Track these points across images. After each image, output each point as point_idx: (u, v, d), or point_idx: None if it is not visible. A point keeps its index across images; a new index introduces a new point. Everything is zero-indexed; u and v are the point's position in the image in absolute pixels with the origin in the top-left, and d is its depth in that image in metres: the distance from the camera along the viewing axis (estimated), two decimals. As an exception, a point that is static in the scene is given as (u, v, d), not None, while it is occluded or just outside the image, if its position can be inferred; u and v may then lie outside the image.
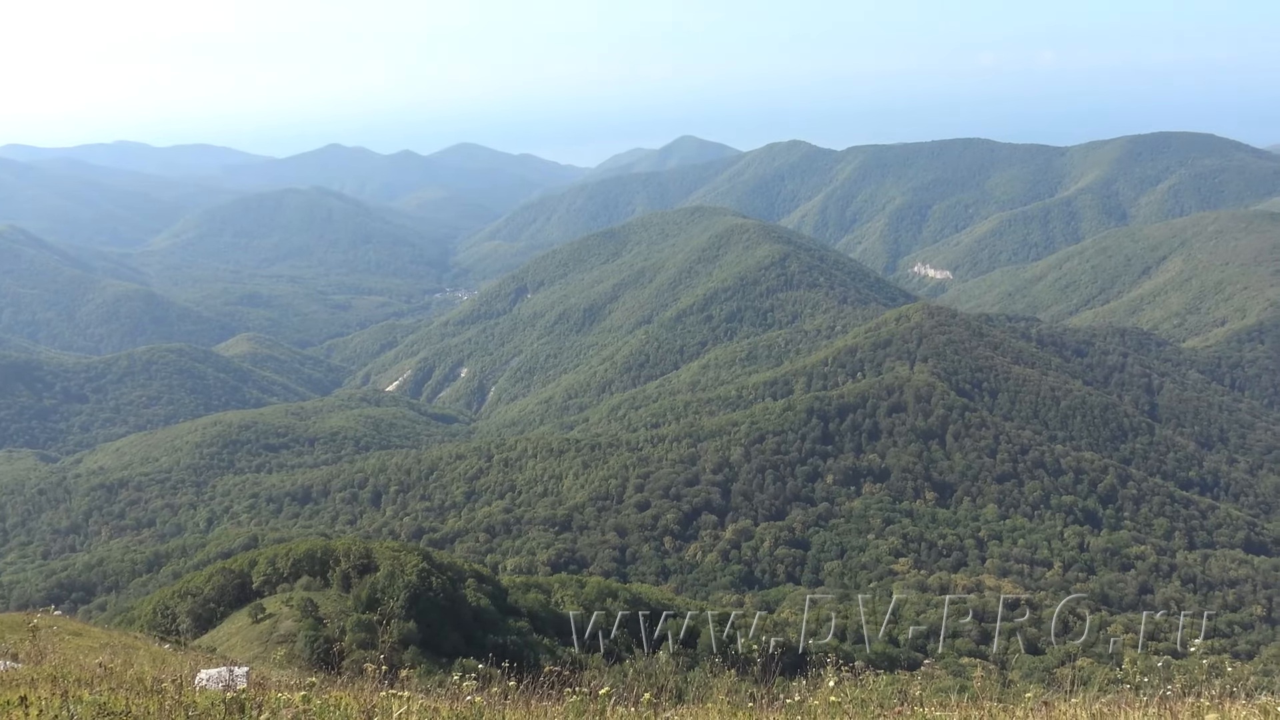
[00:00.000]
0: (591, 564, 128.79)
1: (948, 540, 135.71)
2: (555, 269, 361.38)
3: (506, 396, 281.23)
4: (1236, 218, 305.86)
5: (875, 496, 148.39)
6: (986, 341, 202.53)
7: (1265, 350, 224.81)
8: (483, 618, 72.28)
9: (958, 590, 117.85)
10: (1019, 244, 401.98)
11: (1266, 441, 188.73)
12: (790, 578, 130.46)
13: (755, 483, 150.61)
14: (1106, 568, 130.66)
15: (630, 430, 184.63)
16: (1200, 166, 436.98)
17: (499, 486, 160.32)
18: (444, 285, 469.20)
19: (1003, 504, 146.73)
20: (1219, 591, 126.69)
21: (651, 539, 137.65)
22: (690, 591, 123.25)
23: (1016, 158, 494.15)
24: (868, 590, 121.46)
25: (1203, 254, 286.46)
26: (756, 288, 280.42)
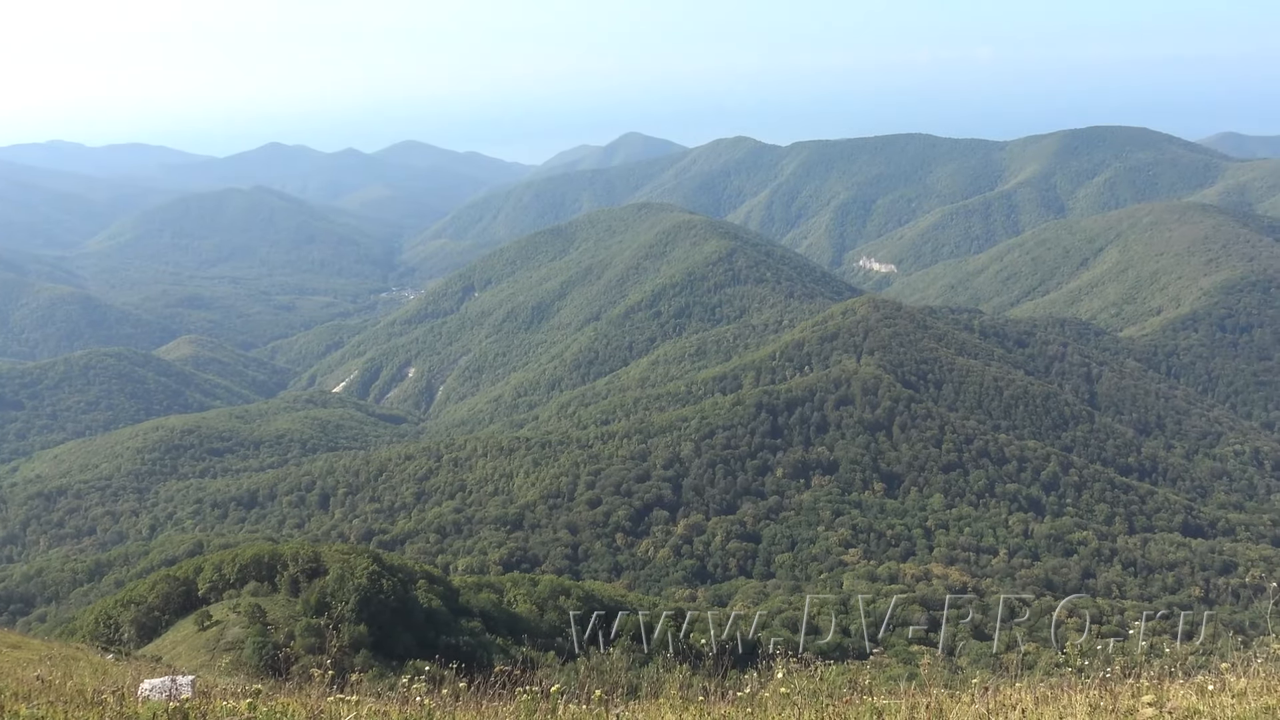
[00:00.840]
0: (544, 562, 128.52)
1: (896, 530, 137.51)
2: (503, 267, 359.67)
3: (455, 396, 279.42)
4: (1170, 209, 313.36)
5: (824, 489, 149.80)
6: (931, 334, 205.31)
7: (1199, 338, 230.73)
8: (435, 619, 71.78)
9: (906, 579, 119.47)
10: (961, 237, 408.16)
11: (1201, 427, 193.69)
12: (742, 571, 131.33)
13: (706, 477, 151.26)
14: (1050, 554, 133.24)
15: (580, 427, 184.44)
16: (1134, 160, 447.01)
17: (449, 486, 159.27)
18: (390, 284, 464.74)
19: (949, 493, 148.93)
20: (1158, 574, 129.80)
21: (603, 536, 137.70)
22: (643, 587, 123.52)
23: (957, 152, 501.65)
24: (818, 582, 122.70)
25: (1138, 245, 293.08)
26: (704, 283, 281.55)
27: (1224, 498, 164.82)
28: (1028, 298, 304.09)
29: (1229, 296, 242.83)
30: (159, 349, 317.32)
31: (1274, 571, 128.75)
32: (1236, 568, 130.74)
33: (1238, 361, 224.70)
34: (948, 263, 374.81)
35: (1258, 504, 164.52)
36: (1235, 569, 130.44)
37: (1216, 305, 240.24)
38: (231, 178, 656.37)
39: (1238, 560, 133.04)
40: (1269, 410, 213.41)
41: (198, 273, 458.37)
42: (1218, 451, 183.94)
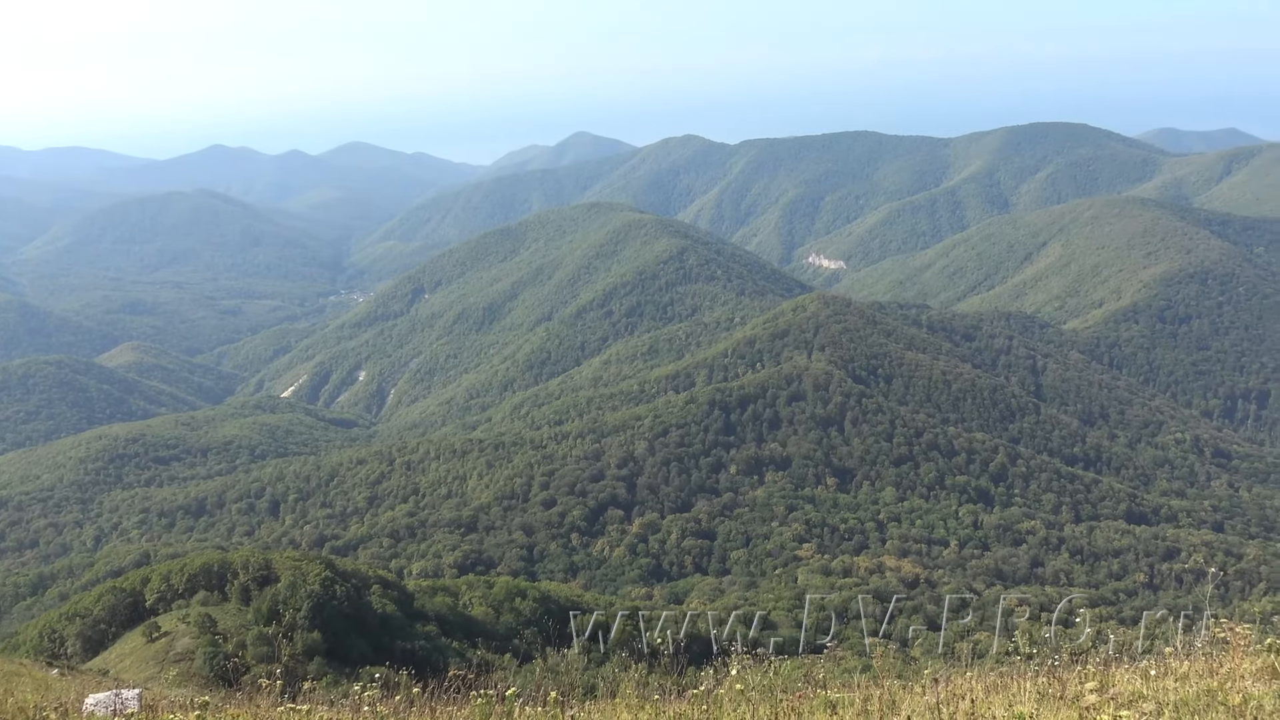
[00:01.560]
0: (499, 564, 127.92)
1: (849, 524, 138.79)
2: (453, 268, 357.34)
3: (407, 399, 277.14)
4: (1110, 204, 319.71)
5: (778, 484, 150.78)
6: (880, 329, 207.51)
7: (1140, 330, 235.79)
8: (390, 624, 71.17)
9: (860, 572, 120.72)
10: (908, 233, 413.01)
11: (1143, 416, 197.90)
12: (698, 568, 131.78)
13: (660, 476, 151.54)
14: (1000, 543, 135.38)
15: (534, 428, 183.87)
16: (1075, 155, 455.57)
17: (402, 490, 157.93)
18: (339, 287, 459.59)
19: (900, 486, 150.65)
20: (1104, 561, 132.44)
21: (559, 536, 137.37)
22: (599, 587, 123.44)
23: (903, 149, 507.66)
24: (773, 577, 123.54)
25: (1080, 239, 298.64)
26: (656, 282, 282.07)
27: (1166, 485, 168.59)
28: (974, 292, 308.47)
29: (1168, 289, 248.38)
30: (101, 356, 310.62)
31: (1214, 556, 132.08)
32: (1179, 553, 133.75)
33: (1177, 352, 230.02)
34: (896, 258, 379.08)
35: (1198, 491, 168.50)
36: (1178, 554, 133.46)
37: (1156, 297, 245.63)
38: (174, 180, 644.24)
39: (1180, 546, 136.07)
40: (1207, 399, 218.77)
41: (140, 278, 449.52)
42: (1159, 440, 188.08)
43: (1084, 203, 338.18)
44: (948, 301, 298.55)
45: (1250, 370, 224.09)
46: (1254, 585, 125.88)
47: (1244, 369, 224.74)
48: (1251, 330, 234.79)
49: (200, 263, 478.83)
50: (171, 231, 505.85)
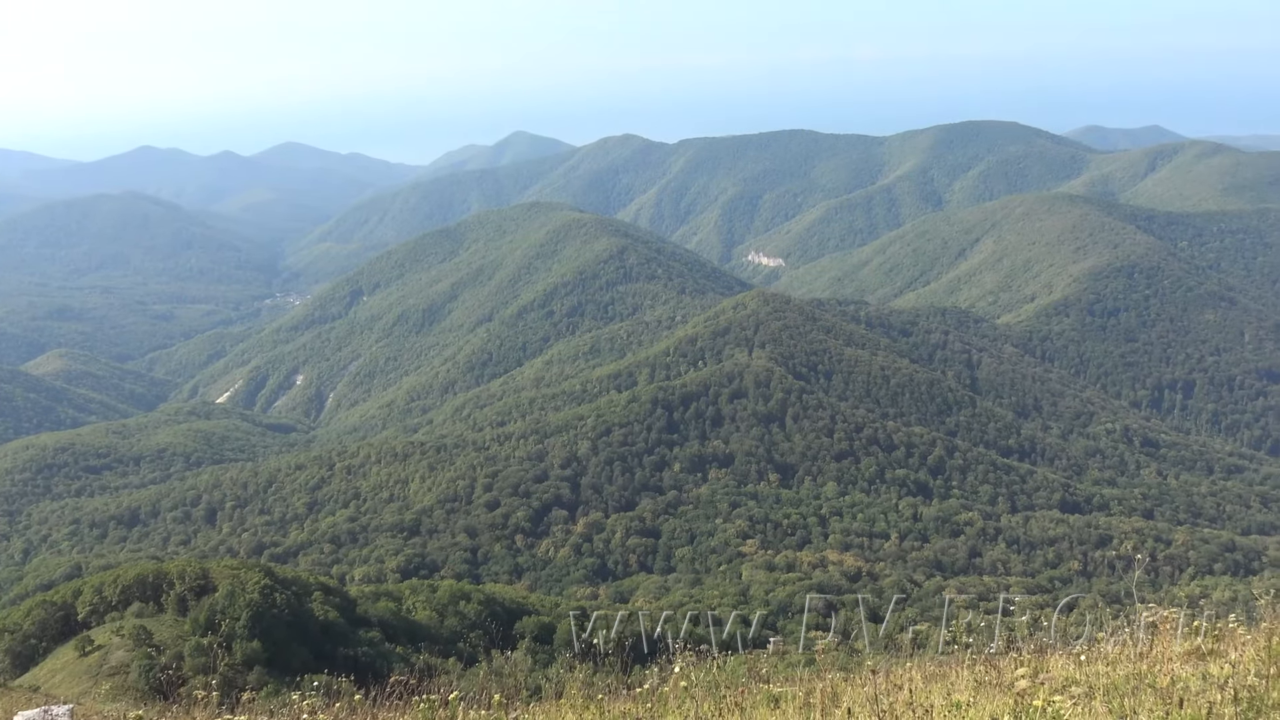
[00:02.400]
0: (443, 567, 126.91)
1: (792, 519, 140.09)
2: (391, 270, 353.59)
3: (346, 402, 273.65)
4: (1040, 200, 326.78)
5: (721, 481, 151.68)
6: (819, 325, 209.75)
7: (1070, 323, 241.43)
8: (332, 631, 70.20)
9: (803, 567, 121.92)
10: (845, 230, 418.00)
11: (1075, 408, 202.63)
12: (643, 567, 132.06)
13: (604, 475, 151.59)
14: (939, 535, 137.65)
15: (476, 430, 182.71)
16: (1006, 153, 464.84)
17: (343, 495, 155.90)
18: (274, 290, 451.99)
19: (841, 481, 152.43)
20: (1040, 550, 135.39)
21: (503, 538, 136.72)
22: (545, 588, 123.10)
23: (839, 148, 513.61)
24: (718, 573, 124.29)
25: (1012, 235, 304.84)
26: (596, 281, 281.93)
27: (1098, 474, 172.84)
28: (910, 288, 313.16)
29: (1097, 282, 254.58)
30: (26, 364, 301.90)
31: (1145, 543, 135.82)
32: (1111, 540, 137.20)
33: (1106, 344, 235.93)
34: (833, 256, 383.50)
35: (1129, 479, 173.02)
36: (1110, 542, 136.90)
37: (1086, 291, 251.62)
38: (101, 183, 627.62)
39: (1112, 533, 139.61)
40: (1136, 390, 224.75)
41: (67, 283, 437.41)
42: (1091, 430, 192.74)
43: (1015, 199, 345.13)
44: (885, 297, 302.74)
45: (1176, 361, 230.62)
46: (1182, 570, 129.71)
47: (1170, 360, 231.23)
48: (1177, 322, 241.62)
49: (130, 267, 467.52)
50: (99, 235, 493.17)
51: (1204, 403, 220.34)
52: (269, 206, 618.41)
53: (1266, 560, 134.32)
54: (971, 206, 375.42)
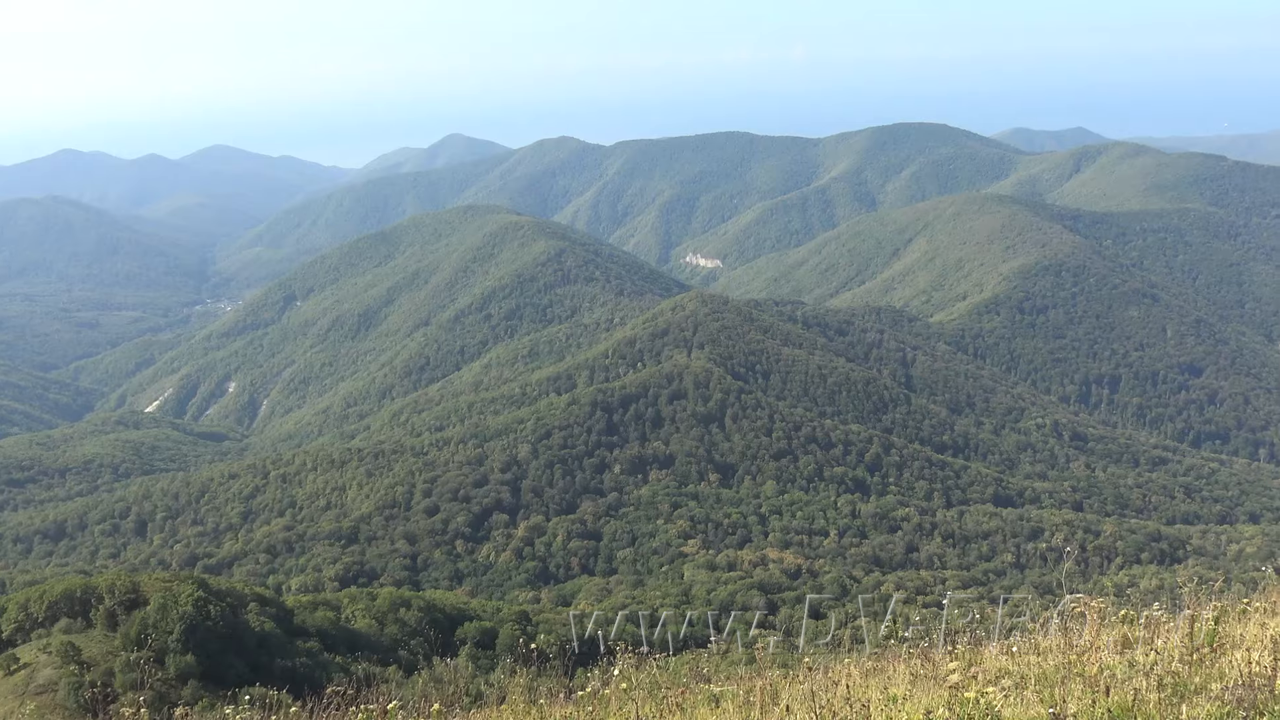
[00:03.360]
0: (382, 575, 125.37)
1: (732, 519, 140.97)
2: (325, 274, 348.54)
3: (281, 409, 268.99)
4: (971, 201, 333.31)
5: (662, 483, 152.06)
6: (757, 326, 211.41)
7: (1001, 321, 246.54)
8: (268, 643, 68.96)
9: (744, 565, 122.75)
10: (781, 231, 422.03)
11: (1007, 404, 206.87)
12: (585, 569, 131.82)
13: (544, 478, 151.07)
14: (877, 531, 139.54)
15: (414, 435, 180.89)
16: (937, 154, 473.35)
17: (278, 504, 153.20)
18: (204, 296, 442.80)
19: (780, 480, 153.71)
20: (975, 544, 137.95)
21: (443, 544, 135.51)
22: (486, 593, 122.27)
23: (775, 149, 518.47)
24: (660, 574, 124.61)
25: (943, 235, 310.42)
26: (534, 284, 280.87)
27: (1029, 468, 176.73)
28: (846, 288, 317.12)
29: (1026, 281, 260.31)
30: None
31: (1075, 534, 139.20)
32: (1043, 533, 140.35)
33: (1036, 341, 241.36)
34: (770, 256, 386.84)
35: (1059, 472, 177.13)
36: (1042, 534, 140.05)
37: (1015, 289, 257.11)
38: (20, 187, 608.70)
39: (1044, 526, 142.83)
40: (1064, 385, 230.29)
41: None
42: (1022, 425, 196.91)
43: (946, 200, 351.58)
44: (821, 297, 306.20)
45: (1102, 357, 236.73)
46: (1111, 560, 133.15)
47: (1096, 356, 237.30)
48: (1103, 319, 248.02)
49: (53, 273, 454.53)
50: (19, 241, 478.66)
51: (1129, 397, 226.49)
52: (198, 210, 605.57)
53: (1190, 549, 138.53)
54: (904, 207, 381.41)
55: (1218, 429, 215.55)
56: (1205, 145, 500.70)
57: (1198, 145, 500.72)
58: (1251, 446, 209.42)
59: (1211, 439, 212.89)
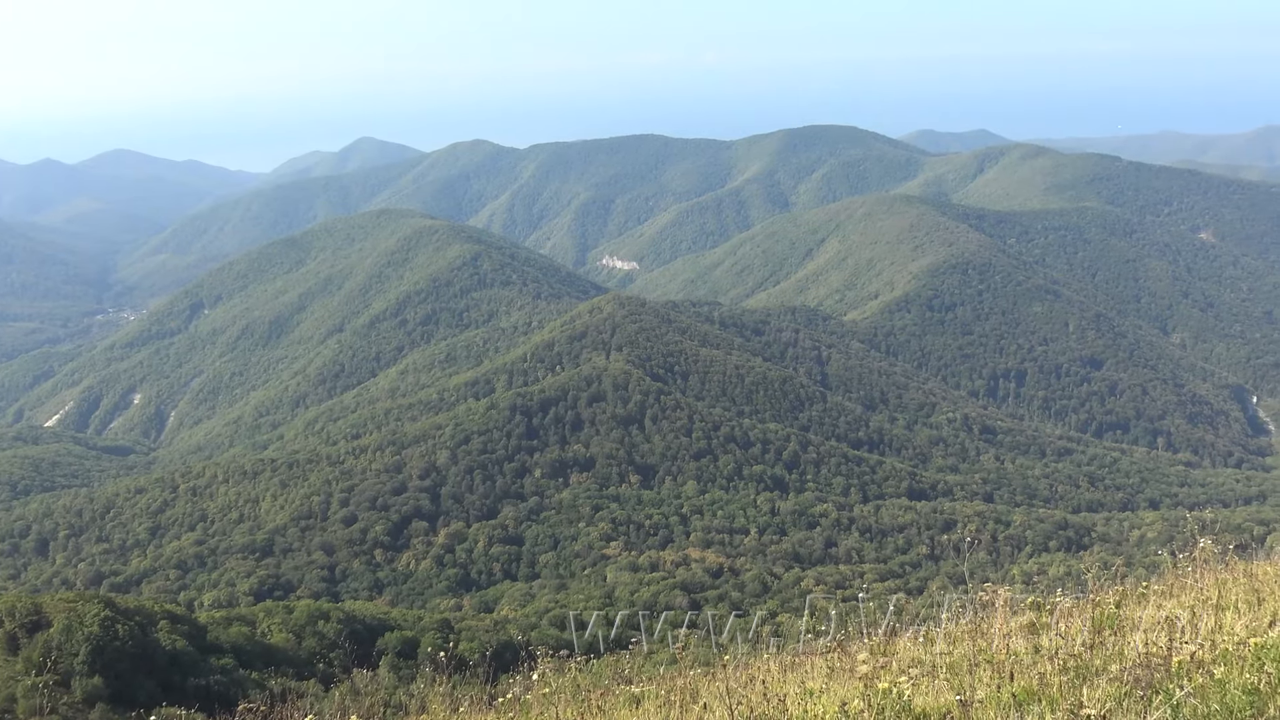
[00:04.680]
0: (299, 587, 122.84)
1: (654, 520, 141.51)
2: (234, 281, 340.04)
3: (189, 421, 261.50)
4: (880, 201, 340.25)
5: (583, 485, 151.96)
6: (675, 327, 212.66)
7: (911, 318, 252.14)
8: (180, 661, 67.01)
9: (667, 566, 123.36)
10: (697, 233, 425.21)
11: (919, 399, 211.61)
12: (507, 575, 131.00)
13: (464, 484, 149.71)
14: (796, 528, 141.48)
15: (330, 443, 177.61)
16: (847, 156, 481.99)
17: (188, 518, 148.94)
18: (106, 306, 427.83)
19: (701, 479, 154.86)
20: (891, 537, 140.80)
21: (362, 553, 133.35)
22: (407, 601, 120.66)
23: (688, 152, 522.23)
24: (583, 577, 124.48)
25: (855, 235, 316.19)
26: (450, 288, 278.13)
27: (941, 461, 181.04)
28: (761, 288, 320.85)
29: (934, 279, 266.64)
30: None
31: (986, 525, 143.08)
32: (956, 524, 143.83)
33: (945, 338, 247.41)
34: (686, 258, 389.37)
35: (970, 465, 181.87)
36: (955, 526, 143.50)
37: (924, 288, 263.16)
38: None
39: (956, 518, 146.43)
40: (973, 380, 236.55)
41: None
42: (934, 420, 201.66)
43: (857, 201, 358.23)
44: (737, 298, 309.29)
45: (1009, 352, 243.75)
46: (1020, 549, 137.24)
47: (1003, 351, 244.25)
48: (1008, 315, 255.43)
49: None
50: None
51: (1035, 390, 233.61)
52: (98, 216, 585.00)
53: (1095, 536, 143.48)
54: (816, 208, 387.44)
55: (1118, 419, 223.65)
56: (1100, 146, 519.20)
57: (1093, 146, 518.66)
58: (1150, 435, 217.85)
59: (1113, 429, 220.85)
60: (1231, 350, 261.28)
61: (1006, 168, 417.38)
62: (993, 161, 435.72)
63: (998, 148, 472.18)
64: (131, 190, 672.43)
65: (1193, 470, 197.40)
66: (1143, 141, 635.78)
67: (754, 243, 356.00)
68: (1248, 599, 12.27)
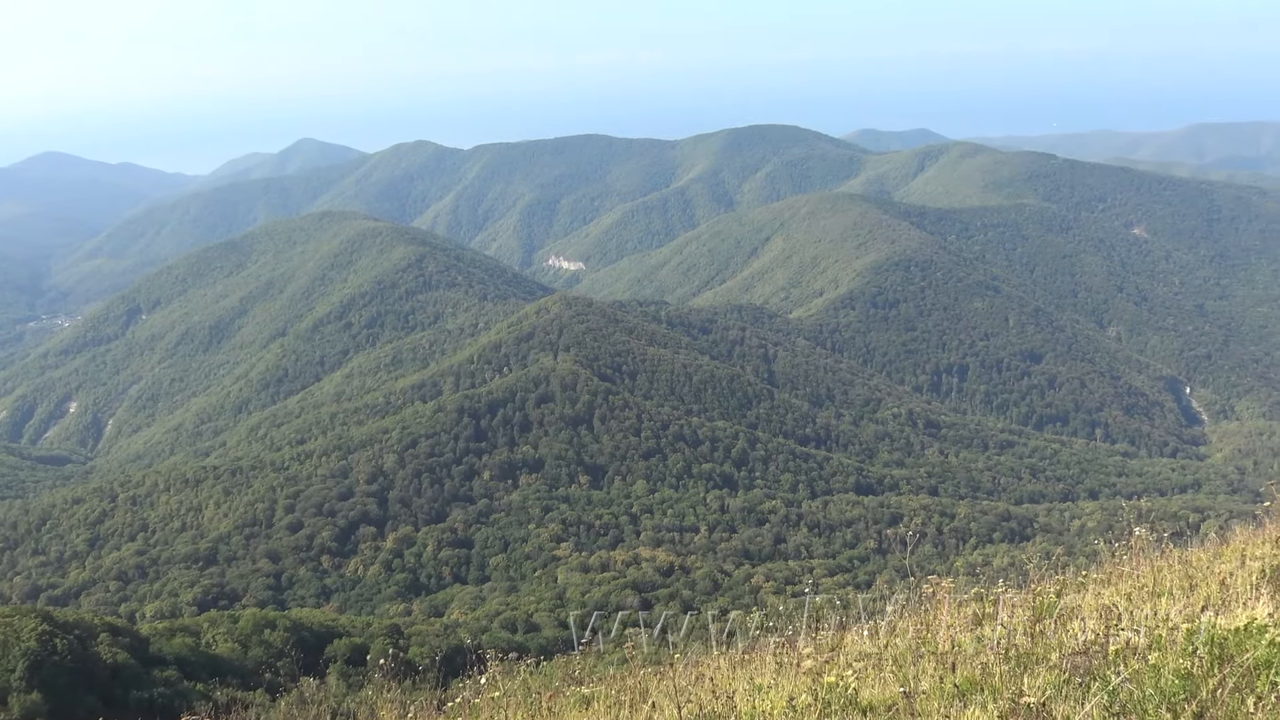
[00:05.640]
0: (245, 596, 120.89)
1: (604, 520, 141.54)
2: (172, 285, 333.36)
3: (128, 429, 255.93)
4: (823, 199, 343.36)
5: (532, 487, 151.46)
6: (622, 327, 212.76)
7: (856, 315, 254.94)
8: (122, 674, 65.62)
9: (617, 565, 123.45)
10: (643, 233, 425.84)
11: (864, 395, 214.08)
12: (457, 578, 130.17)
13: (413, 488, 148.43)
14: (745, 525, 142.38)
15: (274, 449, 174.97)
16: (790, 155, 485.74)
17: (129, 528, 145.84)
18: (39, 312, 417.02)
19: (650, 479, 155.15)
20: (839, 532, 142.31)
21: (308, 560, 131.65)
22: (356, 608, 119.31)
23: (633, 152, 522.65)
24: (533, 579, 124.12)
25: (799, 233, 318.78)
26: (395, 291, 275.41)
27: (887, 456, 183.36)
28: (707, 287, 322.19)
29: (878, 276, 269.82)
30: None
31: (932, 518, 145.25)
32: (902, 518, 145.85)
33: (889, 334, 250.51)
34: (632, 257, 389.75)
35: (915, 459, 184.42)
36: (901, 519, 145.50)
37: (868, 284, 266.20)
38: None
39: (903, 511, 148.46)
40: (917, 375, 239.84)
41: None
42: (879, 415, 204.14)
43: (800, 199, 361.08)
44: (684, 297, 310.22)
45: (951, 347, 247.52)
46: (965, 540, 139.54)
47: (945, 346, 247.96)
48: (950, 311, 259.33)
49: None
50: None
51: (977, 384, 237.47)
52: (30, 221, 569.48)
53: (1038, 526, 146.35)
54: (761, 206, 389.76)
55: (1058, 412, 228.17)
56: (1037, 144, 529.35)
57: (1030, 144, 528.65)
58: (1089, 427, 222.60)
59: (1052, 421, 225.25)
60: (1165, 343, 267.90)
61: (946, 166, 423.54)
62: (933, 160, 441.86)
63: (938, 146, 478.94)
64: (64, 193, 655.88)
65: (1130, 460, 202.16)
66: (1077, 139, 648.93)
67: (700, 241, 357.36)
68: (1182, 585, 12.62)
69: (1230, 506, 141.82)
